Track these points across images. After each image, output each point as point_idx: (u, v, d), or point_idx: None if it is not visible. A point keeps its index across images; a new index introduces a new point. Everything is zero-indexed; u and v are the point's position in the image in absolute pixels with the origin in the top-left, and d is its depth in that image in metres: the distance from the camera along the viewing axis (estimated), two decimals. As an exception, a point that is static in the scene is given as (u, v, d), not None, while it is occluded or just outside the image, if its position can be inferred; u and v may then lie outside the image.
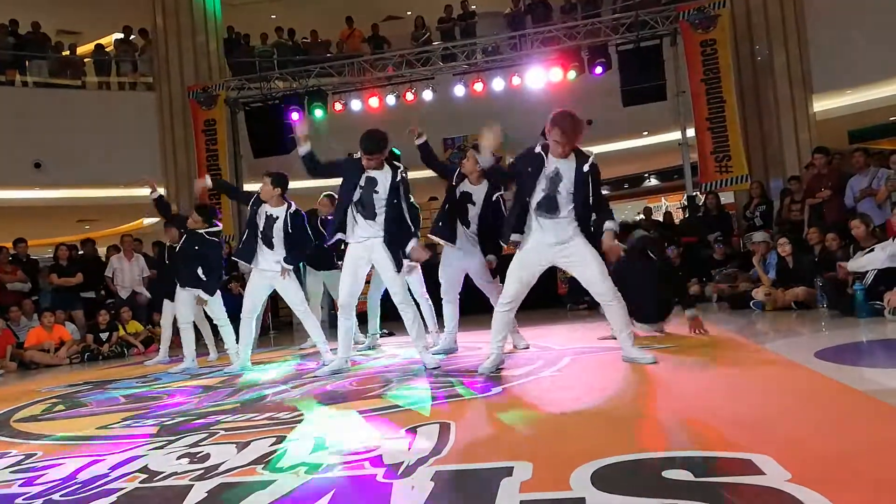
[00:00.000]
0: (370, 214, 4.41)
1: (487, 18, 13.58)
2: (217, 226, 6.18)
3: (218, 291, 6.08)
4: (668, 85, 10.17)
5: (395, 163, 4.58)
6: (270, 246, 5.17)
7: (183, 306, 6.04)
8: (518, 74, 10.80)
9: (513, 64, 11.01)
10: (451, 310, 5.08)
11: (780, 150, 10.23)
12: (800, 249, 6.92)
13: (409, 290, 4.90)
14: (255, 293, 5.34)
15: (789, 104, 10.19)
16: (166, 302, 6.63)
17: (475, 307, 5.50)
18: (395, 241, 4.44)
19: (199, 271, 5.88)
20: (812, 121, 10.20)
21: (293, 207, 5.23)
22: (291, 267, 5.22)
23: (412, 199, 4.91)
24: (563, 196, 3.77)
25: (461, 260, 4.94)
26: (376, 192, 4.40)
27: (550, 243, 3.83)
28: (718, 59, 9.78)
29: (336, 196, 5.08)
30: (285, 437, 2.73)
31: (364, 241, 4.46)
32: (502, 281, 4.18)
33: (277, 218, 5.18)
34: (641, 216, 12.40)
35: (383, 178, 4.43)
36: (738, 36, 10.58)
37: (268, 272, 5.23)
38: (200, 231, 5.95)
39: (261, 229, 5.19)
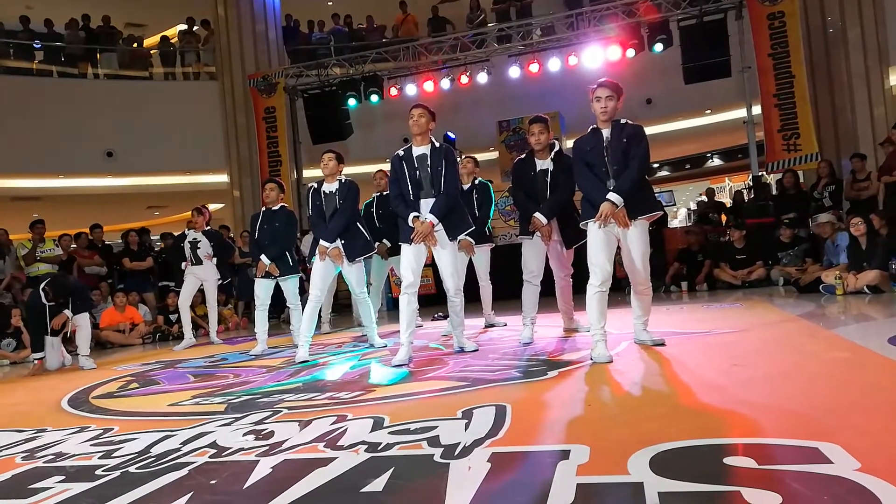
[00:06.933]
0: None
1: (543, -3, 13.35)
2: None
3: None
4: (732, 60, 9.81)
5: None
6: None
7: (262, 289, 5.93)
8: (575, 54, 10.61)
9: (569, 43, 10.82)
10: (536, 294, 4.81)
11: (853, 127, 9.75)
12: (872, 231, 6.60)
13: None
14: (323, 276, 5.13)
15: (863, 78, 9.68)
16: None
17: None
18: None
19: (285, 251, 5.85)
20: (888, 95, 9.66)
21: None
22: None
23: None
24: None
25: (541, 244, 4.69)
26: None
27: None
28: (787, 32, 9.35)
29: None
30: (345, 416, 2.80)
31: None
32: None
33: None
34: (704, 198, 12.05)
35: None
36: (807, 7, 10.09)
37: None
38: (276, 207, 5.87)
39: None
